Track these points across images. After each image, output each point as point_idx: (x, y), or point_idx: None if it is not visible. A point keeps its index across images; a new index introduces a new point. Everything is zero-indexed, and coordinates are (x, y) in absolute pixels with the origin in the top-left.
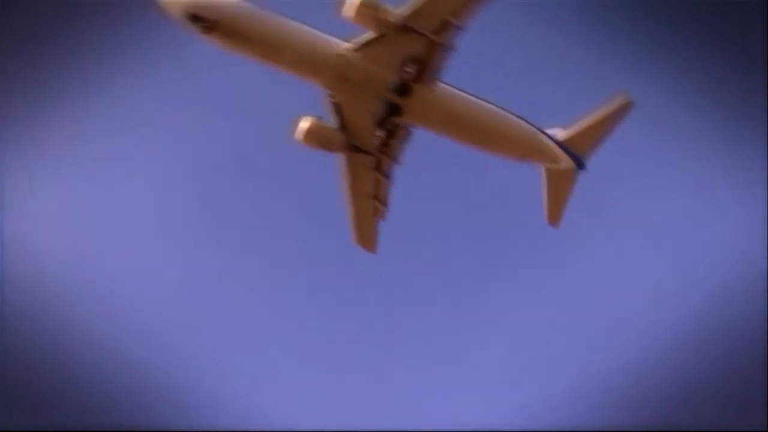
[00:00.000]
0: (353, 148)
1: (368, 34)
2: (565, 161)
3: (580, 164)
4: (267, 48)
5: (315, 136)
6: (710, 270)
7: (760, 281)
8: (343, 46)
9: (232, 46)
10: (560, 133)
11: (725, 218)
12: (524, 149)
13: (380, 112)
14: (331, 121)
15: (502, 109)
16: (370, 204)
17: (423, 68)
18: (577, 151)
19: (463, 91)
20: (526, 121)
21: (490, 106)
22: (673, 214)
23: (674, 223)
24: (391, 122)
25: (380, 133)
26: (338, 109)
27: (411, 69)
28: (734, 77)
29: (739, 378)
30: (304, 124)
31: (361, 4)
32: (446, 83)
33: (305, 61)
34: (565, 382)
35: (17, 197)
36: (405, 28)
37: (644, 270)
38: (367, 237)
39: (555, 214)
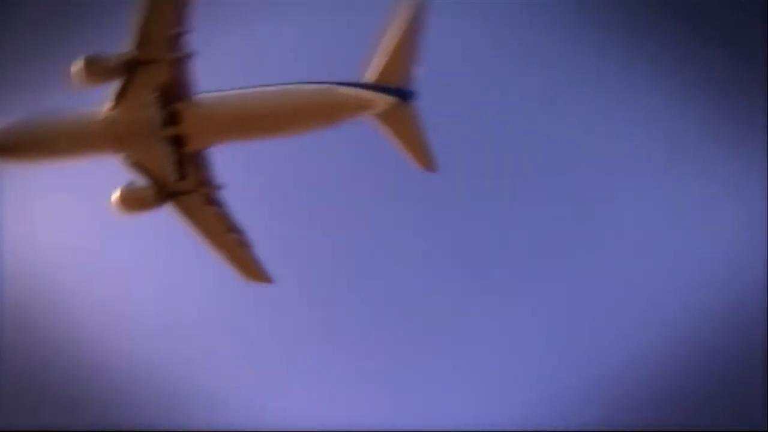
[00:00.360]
0: (172, 195)
1: (114, 87)
2: (382, 100)
3: (404, 95)
4: (41, 149)
5: (131, 202)
6: (710, 269)
7: (760, 281)
8: (103, 109)
9: (7, 161)
10: (366, 75)
11: (725, 218)
12: (323, 111)
13: (169, 150)
14: (141, 181)
15: (281, 84)
16: (228, 238)
17: (173, 89)
18: (393, 83)
19: (231, 89)
20: (317, 82)
21: (264, 89)
22: (672, 214)
23: (673, 223)
24: (184, 155)
25: (178, 169)
26: (137, 166)
27: (162, 96)
28: (734, 75)
29: (739, 378)
30: (115, 195)
31: (86, 66)
32: (211, 91)
33: (79, 142)
34: (563, 382)
35: (17, 197)
36: (138, 63)
37: (643, 270)
38: (252, 270)
39: (422, 158)
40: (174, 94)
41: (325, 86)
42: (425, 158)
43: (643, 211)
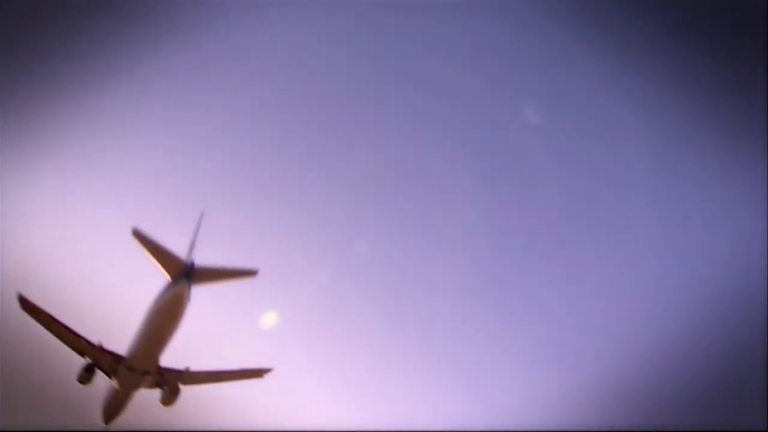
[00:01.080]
0: (178, 383)
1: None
2: (180, 288)
3: (186, 273)
4: (117, 412)
5: (167, 402)
6: (711, 271)
7: (760, 282)
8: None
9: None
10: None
11: (726, 220)
12: (168, 316)
13: (148, 378)
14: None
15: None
16: (224, 376)
17: (116, 358)
18: (177, 272)
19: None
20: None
21: (143, 320)
22: (674, 217)
23: (675, 226)
24: (156, 372)
25: (159, 379)
26: (149, 386)
27: (115, 364)
28: (734, 78)
29: (739, 378)
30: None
31: (82, 382)
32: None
33: (124, 401)
34: (566, 382)
35: (16, 198)
36: (94, 362)
37: (646, 272)
38: (252, 375)
39: (242, 276)
40: (118, 358)
41: (153, 303)
42: (243, 275)
43: (645, 215)
